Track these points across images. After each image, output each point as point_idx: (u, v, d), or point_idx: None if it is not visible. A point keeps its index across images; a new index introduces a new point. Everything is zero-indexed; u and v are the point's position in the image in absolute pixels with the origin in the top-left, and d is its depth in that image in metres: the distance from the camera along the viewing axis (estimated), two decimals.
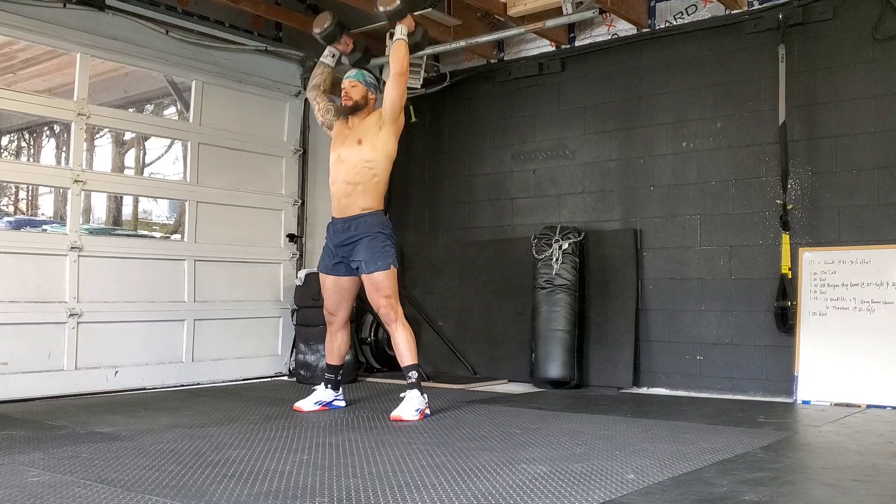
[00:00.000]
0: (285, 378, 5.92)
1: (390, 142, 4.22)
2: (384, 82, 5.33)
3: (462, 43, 5.57)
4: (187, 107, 5.79)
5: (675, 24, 5.35)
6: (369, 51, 4.76)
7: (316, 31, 4.45)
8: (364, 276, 4.14)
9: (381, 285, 4.10)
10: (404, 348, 4.11)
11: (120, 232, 10.32)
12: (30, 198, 12.22)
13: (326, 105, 4.48)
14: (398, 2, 4.20)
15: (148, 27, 5.23)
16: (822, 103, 4.83)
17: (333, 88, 4.56)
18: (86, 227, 8.37)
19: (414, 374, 4.07)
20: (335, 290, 4.31)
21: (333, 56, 4.56)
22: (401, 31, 4.27)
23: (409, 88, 6.13)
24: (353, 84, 4.27)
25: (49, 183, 6.67)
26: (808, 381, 4.55)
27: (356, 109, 4.28)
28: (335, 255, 4.25)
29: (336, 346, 4.38)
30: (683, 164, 5.33)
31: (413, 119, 6.51)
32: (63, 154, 11.08)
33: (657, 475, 2.68)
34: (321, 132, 6.32)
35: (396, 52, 4.23)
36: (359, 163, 4.18)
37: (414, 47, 4.40)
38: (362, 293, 4.33)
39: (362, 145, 4.19)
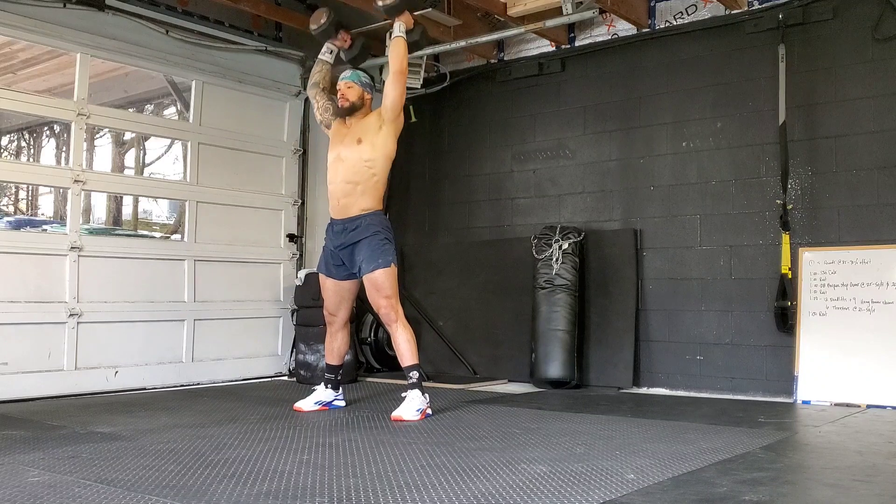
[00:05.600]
0: (285, 378, 5.92)
1: (390, 141, 4.21)
2: (384, 82, 5.29)
3: (462, 43, 5.58)
4: (187, 107, 5.79)
5: (675, 24, 5.35)
6: (368, 48, 4.74)
7: (312, 27, 4.47)
8: (364, 277, 4.13)
9: (381, 285, 4.09)
10: (405, 348, 4.11)
11: (120, 232, 10.31)
12: (30, 198, 12.21)
13: (325, 104, 4.47)
14: None
15: (148, 27, 5.23)
16: (821, 103, 4.83)
17: (333, 87, 4.54)
18: (86, 227, 8.36)
19: (415, 375, 4.07)
20: (336, 292, 4.31)
21: (332, 52, 4.56)
22: (399, 27, 4.24)
23: (408, 88, 6.16)
24: (348, 85, 4.26)
25: (49, 183, 6.66)
26: (808, 381, 4.55)
27: (353, 110, 4.27)
28: (335, 258, 4.24)
29: (336, 347, 4.39)
30: (683, 164, 5.33)
31: (413, 119, 6.52)
32: (63, 154, 11.07)
33: (657, 475, 2.68)
34: (321, 132, 6.32)
35: (395, 49, 4.20)
36: (358, 162, 4.17)
37: (413, 45, 4.35)
38: (362, 293, 4.33)
39: (362, 144, 4.18)
